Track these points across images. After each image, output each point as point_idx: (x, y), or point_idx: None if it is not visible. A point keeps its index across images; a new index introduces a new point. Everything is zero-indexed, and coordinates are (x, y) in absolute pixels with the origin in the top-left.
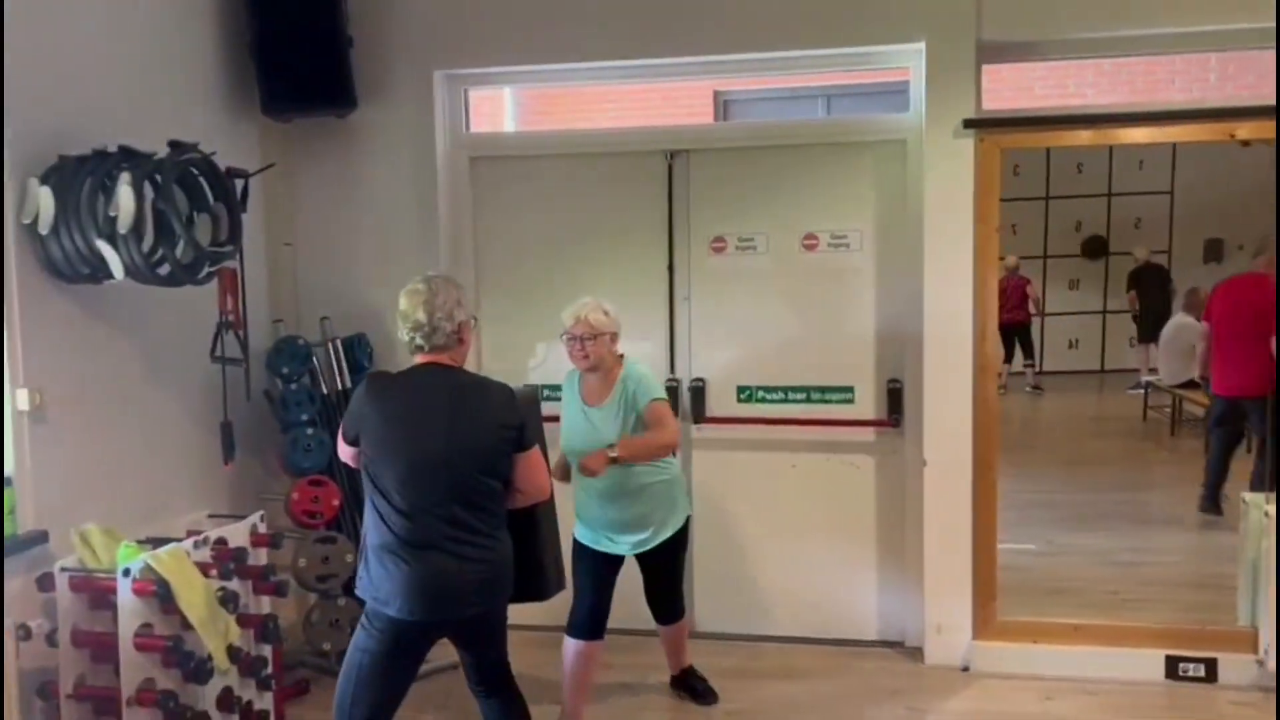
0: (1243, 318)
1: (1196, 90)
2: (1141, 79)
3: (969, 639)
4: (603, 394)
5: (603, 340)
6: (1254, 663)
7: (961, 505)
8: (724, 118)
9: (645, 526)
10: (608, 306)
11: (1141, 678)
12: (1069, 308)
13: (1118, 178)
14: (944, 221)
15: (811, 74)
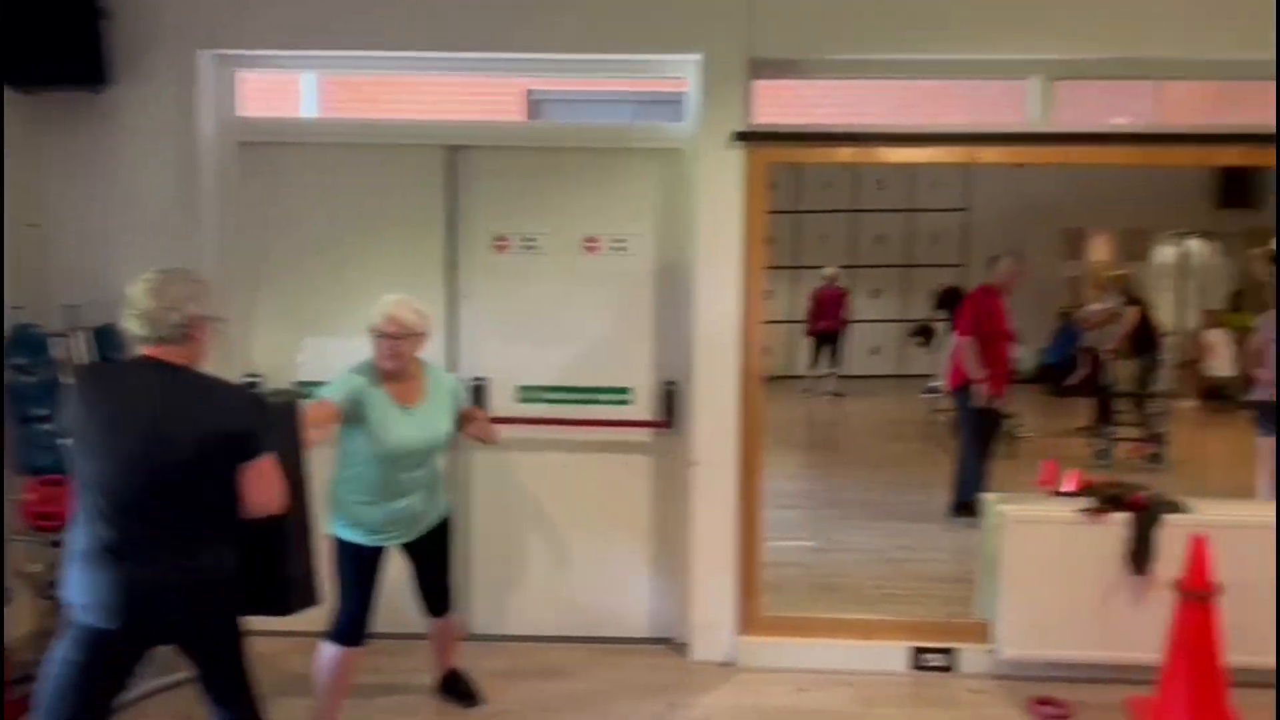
0: (983, 326)
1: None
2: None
3: (733, 635)
4: (414, 394)
5: (412, 340)
6: (987, 652)
7: (728, 505)
8: (536, 117)
9: (424, 518)
10: (419, 305)
11: (890, 668)
12: (872, 316)
13: (917, 195)
14: (715, 230)
15: (599, 78)
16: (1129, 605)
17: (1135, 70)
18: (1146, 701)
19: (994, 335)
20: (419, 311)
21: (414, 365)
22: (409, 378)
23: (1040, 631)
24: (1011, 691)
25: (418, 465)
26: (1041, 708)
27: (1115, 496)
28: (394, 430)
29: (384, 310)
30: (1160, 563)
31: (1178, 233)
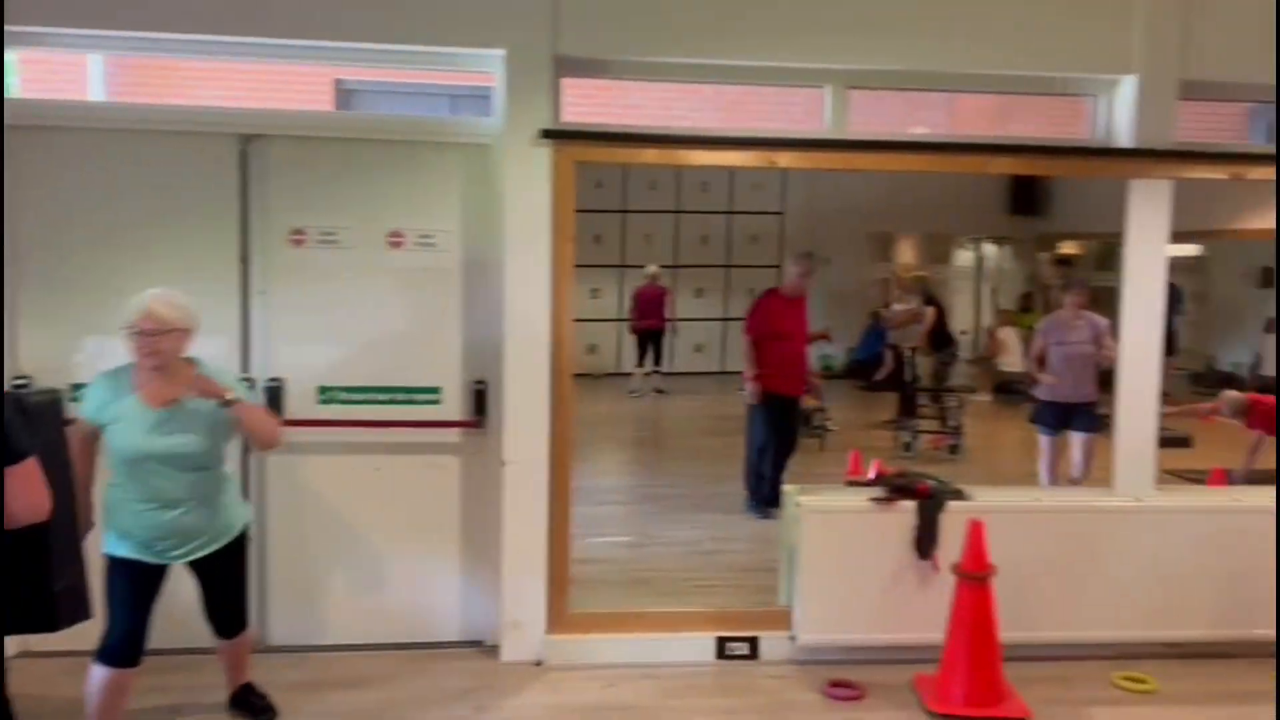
0: (761, 327)
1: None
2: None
3: (543, 634)
4: (169, 396)
5: (172, 336)
6: (787, 638)
7: (539, 504)
8: (347, 107)
9: (202, 533)
10: (179, 299)
11: (697, 659)
12: (696, 314)
13: (738, 197)
14: (523, 228)
15: (404, 69)
16: (916, 589)
17: (924, 82)
18: (932, 679)
19: (772, 336)
20: (179, 306)
21: (179, 365)
22: (171, 378)
23: (836, 617)
24: (809, 676)
25: (180, 472)
26: (836, 690)
27: (903, 486)
28: (131, 435)
29: (139, 305)
30: (943, 547)
31: (974, 237)
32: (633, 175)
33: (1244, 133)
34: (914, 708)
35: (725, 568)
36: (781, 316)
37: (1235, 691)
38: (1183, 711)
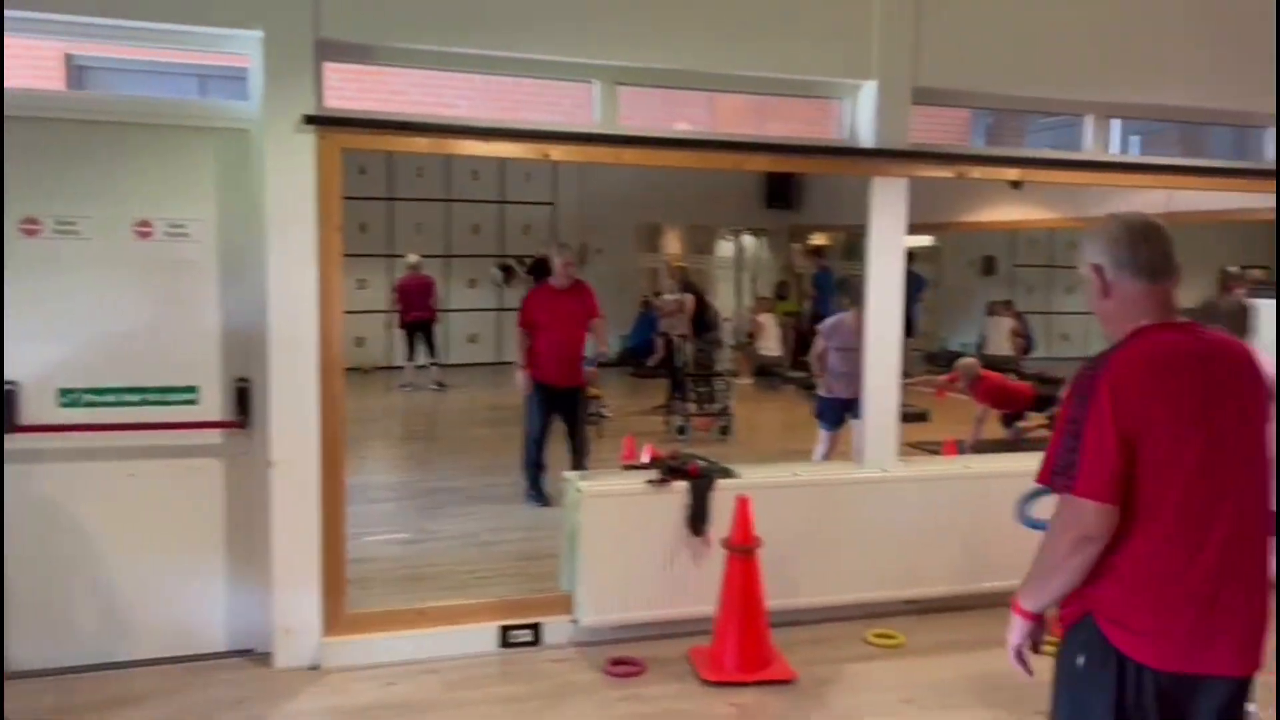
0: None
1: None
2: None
3: (319, 637)
4: None
5: None
6: (570, 622)
7: (309, 504)
8: (79, 85)
9: None
10: None
11: (480, 650)
12: (469, 304)
13: (509, 187)
14: (286, 217)
15: (149, 47)
16: (690, 564)
17: (688, 81)
18: (705, 650)
19: (543, 326)
20: None
21: None
22: None
23: (616, 597)
24: (591, 656)
25: None
26: (616, 668)
27: (676, 467)
28: None
29: None
30: (715, 523)
31: (735, 229)
32: (399, 162)
33: (966, 135)
34: (690, 678)
35: (504, 558)
36: (553, 307)
37: (972, 640)
38: (928, 661)
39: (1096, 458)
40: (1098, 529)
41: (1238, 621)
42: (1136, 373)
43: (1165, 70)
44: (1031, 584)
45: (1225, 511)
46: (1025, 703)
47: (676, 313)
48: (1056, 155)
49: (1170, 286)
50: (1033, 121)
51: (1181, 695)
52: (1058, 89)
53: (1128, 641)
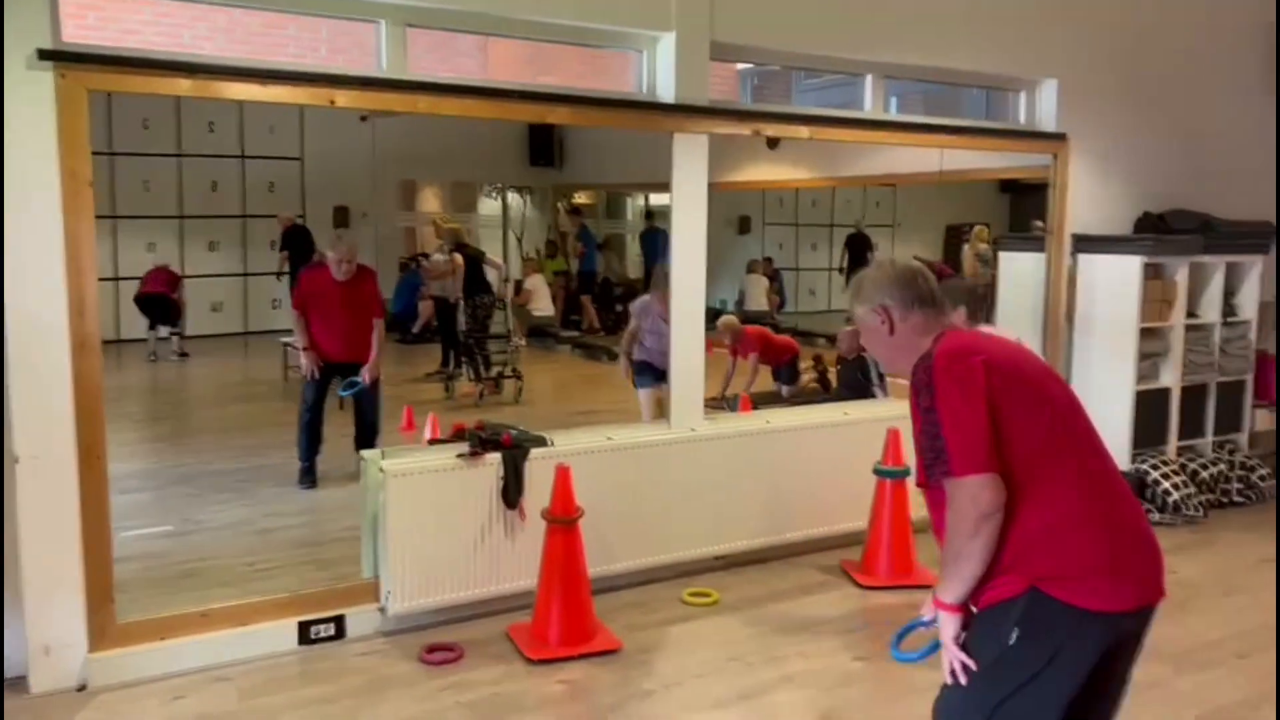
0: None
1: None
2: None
3: (84, 653)
4: None
5: None
6: (377, 611)
7: (66, 503)
8: None
9: None
10: None
11: (277, 650)
12: (210, 270)
13: (250, 141)
14: (24, 170)
15: None
16: (506, 539)
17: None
18: (526, 626)
19: (323, 310)
20: None
21: None
22: None
23: (428, 580)
24: (404, 646)
25: None
26: (433, 655)
27: (487, 438)
28: None
29: None
30: (529, 494)
31: (498, 187)
32: (119, 110)
33: (736, 93)
34: (514, 658)
35: (288, 545)
36: (330, 299)
37: (778, 590)
38: (744, 615)
39: (962, 434)
40: (991, 500)
41: (1151, 552)
42: (964, 354)
43: (938, 34)
44: (947, 576)
45: (1096, 454)
46: (848, 649)
47: (448, 274)
48: (845, 114)
49: (944, 311)
50: (799, 81)
51: (1122, 633)
52: (842, 49)
53: (1083, 594)
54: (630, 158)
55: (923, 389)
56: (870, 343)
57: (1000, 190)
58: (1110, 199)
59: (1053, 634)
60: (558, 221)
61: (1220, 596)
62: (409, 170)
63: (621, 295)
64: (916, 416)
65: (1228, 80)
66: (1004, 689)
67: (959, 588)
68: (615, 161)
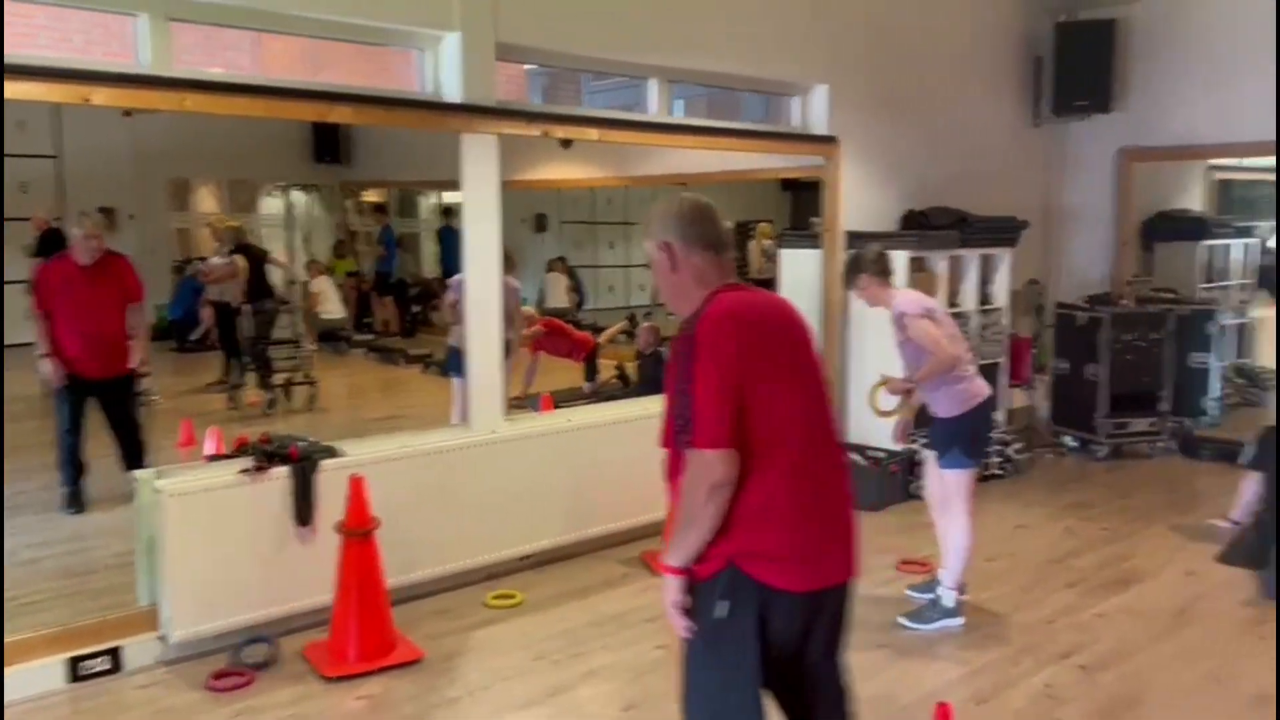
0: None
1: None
2: None
3: None
4: None
5: None
6: (156, 640)
7: None
8: None
9: None
10: None
11: (44, 690)
12: None
13: None
14: None
15: None
16: (299, 555)
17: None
18: (323, 644)
19: (68, 308)
20: None
21: None
22: None
23: (214, 603)
24: (189, 674)
25: None
26: (221, 682)
27: (272, 452)
28: None
29: None
30: (322, 508)
31: (281, 185)
32: None
33: (524, 94)
34: (310, 678)
35: (55, 575)
36: (76, 288)
37: (582, 586)
38: (549, 614)
39: (708, 410)
40: (724, 474)
41: (843, 537)
42: (728, 327)
43: (717, 41)
44: (675, 542)
45: (818, 443)
46: (649, 638)
47: (228, 277)
48: (631, 117)
49: (729, 257)
50: (588, 83)
51: (812, 611)
52: (627, 52)
53: (766, 571)
54: (422, 154)
55: (682, 359)
56: (657, 277)
57: (782, 189)
58: (878, 197)
59: (751, 608)
60: (347, 220)
61: (982, 562)
62: (181, 168)
63: (418, 296)
64: (671, 383)
65: (982, 87)
66: (715, 657)
67: (685, 552)
68: (407, 158)
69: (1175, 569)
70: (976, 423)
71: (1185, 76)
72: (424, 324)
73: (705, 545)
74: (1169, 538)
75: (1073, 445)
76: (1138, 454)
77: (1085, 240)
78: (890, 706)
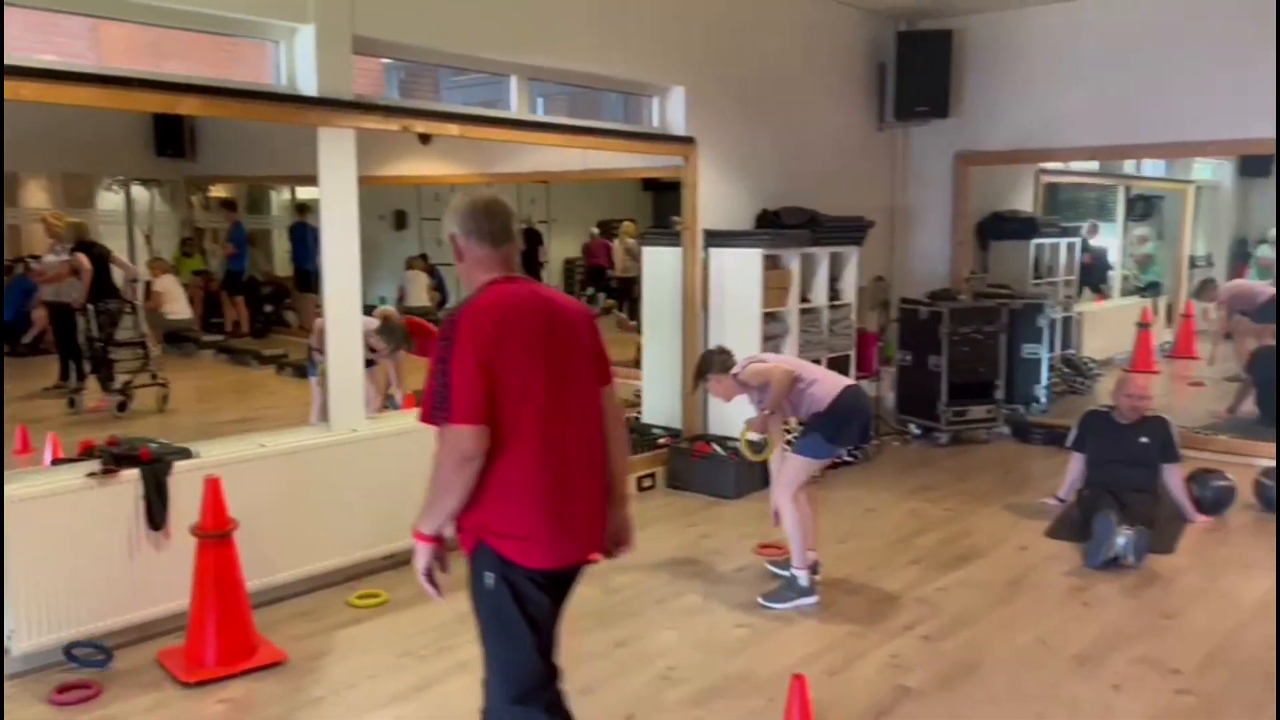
0: None
1: None
2: None
3: None
4: None
5: None
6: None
7: None
8: None
9: None
10: None
11: None
12: None
13: None
14: None
15: None
16: (153, 560)
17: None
18: (179, 649)
19: None
20: None
21: None
22: None
23: (60, 613)
24: (34, 688)
25: None
26: (65, 695)
27: (121, 454)
28: None
29: None
30: (177, 510)
31: (121, 179)
32: None
33: (381, 88)
34: (165, 684)
35: None
36: None
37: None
38: (414, 612)
39: (464, 389)
40: (474, 448)
41: (586, 520)
42: (489, 316)
43: (577, 40)
44: (427, 511)
45: (571, 433)
46: None
47: (64, 276)
48: (493, 114)
49: (509, 250)
50: (448, 78)
51: (556, 586)
52: (487, 49)
53: (509, 548)
54: (274, 149)
55: (445, 340)
56: (456, 268)
57: (644, 188)
58: (734, 197)
59: (506, 580)
60: (193, 217)
61: (834, 543)
62: (6, 159)
63: (270, 295)
64: (434, 362)
65: (831, 92)
66: (494, 623)
67: (436, 520)
68: (257, 152)
69: (1009, 545)
70: (840, 412)
71: (1016, 86)
72: (277, 324)
73: (455, 516)
74: (1003, 516)
75: (917, 433)
76: (976, 439)
77: (927, 239)
78: (750, 682)
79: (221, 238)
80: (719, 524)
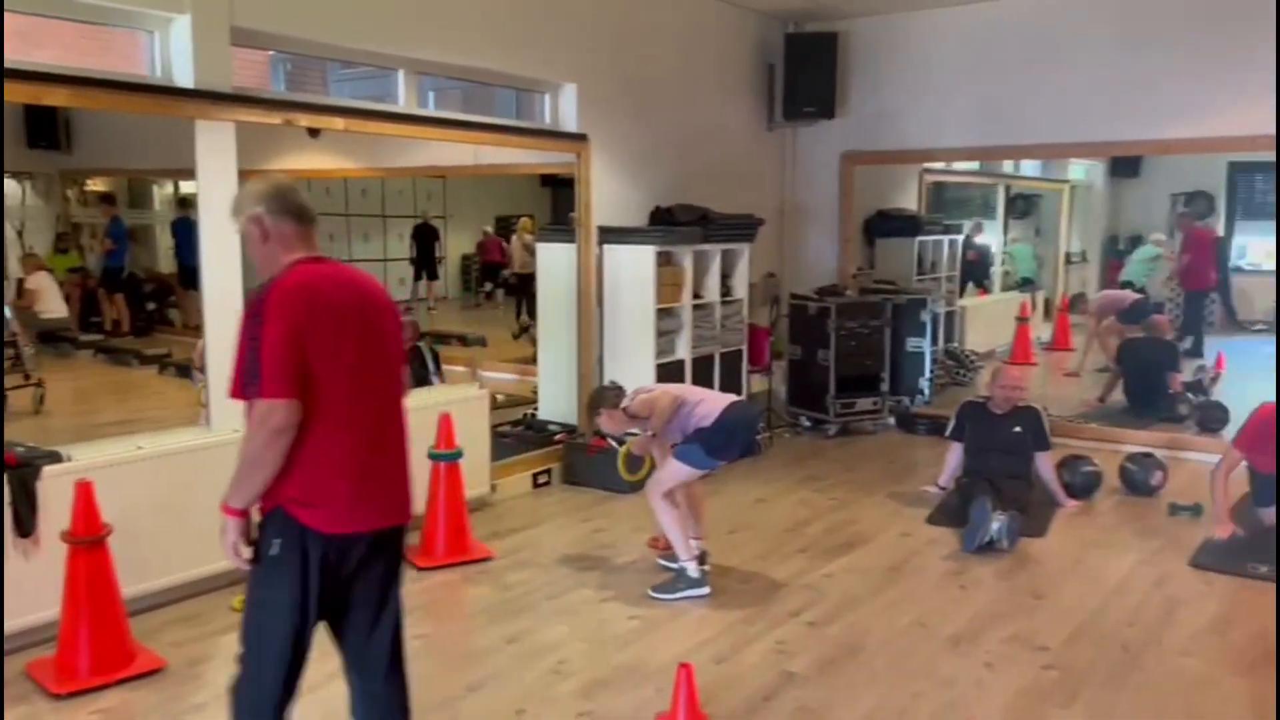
0: None
1: None
2: None
3: None
4: None
5: None
6: None
7: None
8: None
9: None
10: None
11: None
12: None
13: None
14: None
15: None
16: (21, 568)
17: None
18: (50, 660)
19: None
20: None
21: None
22: None
23: None
24: None
25: None
26: None
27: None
28: None
29: None
30: (47, 517)
31: None
32: None
33: (266, 80)
34: (36, 697)
35: None
36: None
37: None
38: None
39: (275, 363)
40: (286, 421)
41: (389, 490)
42: (299, 293)
43: (467, 34)
44: (237, 485)
45: (374, 407)
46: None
47: None
48: (380, 108)
49: (313, 230)
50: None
51: (348, 549)
52: (373, 42)
53: (309, 516)
54: (155, 141)
55: (254, 316)
56: (249, 249)
57: (542, 184)
58: (628, 194)
59: (296, 546)
60: (69, 211)
61: (725, 534)
62: None
63: (153, 292)
64: (244, 338)
65: (722, 91)
66: (265, 589)
67: (247, 494)
68: (138, 145)
69: (892, 531)
70: (725, 426)
71: (899, 88)
72: (160, 322)
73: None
74: (887, 504)
75: (807, 425)
76: (863, 430)
77: (815, 236)
78: (640, 672)
79: (100, 233)
80: (613, 519)
